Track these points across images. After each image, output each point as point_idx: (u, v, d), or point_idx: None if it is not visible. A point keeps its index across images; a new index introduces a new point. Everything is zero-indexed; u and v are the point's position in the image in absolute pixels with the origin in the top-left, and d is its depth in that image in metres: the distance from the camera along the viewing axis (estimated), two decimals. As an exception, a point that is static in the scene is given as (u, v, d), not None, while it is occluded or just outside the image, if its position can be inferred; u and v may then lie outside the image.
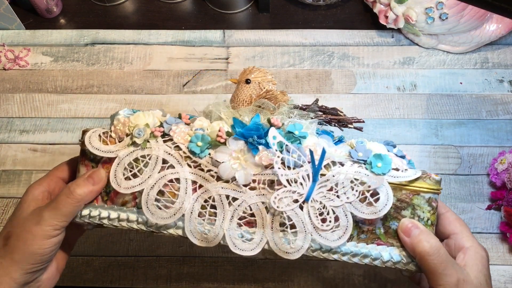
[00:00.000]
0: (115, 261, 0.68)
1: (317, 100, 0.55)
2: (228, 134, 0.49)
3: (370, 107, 0.76)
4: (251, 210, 0.49)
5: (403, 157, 0.50)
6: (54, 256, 0.50)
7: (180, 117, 0.52)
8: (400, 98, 0.76)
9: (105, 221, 0.51)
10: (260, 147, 0.48)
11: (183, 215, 0.49)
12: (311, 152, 0.47)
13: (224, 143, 0.49)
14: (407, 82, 0.78)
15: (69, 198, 0.47)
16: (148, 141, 0.49)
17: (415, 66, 0.79)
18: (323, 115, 0.53)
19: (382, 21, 0.78)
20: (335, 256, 0.49)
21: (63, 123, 0.76)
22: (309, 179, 0.47)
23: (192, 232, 0.49)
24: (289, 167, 0.47)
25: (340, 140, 0.51)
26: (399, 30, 0.80)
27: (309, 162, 0.47)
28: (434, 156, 0.73)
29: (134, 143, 0.49)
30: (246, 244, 0.49)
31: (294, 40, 0.81)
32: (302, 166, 0.47)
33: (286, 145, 0.48)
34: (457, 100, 0.76)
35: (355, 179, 0.47)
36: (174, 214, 0.49)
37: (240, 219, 0.49)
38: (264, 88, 0.54)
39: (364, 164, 0.48)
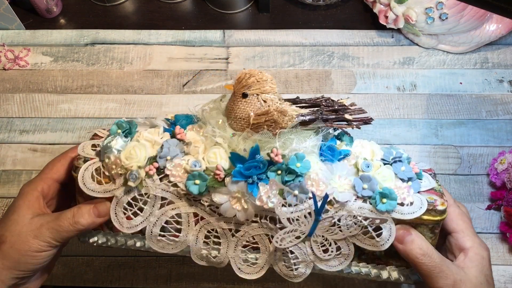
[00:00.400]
0: (115, 261, 0.68)
1: (322, 106, 0.51)
2: (227, 172, 0.47)
3: (370, 107, 0.76)
4: (254, 239, 0.50)
5: (410, 178, 0.49)
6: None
7: (173, 134, 0.50)
8: (400, 98, 0.76)
9: (113, 246, 0.52)
10: (261, 185, 0.46)
11: (188, 245, 0.50)
12: (313, 194, 0.46)
13: (223, 181, 0.47)
14: (407, 82, 0.78)
15: (72, 226, 0.48)
16: (144, 180, 0.48)
17: (415, 66, 0.79)
18: (329, 124, 0.50)
19: (382, 21, 0.78)
20: (336, 273, 0.50)
21: (63, 123, 0.76)
22: (311, 216, 0.47)
23: (199, 257, 0.51)
24: (290, 205, 0.46)
25: (345, 156, 0.50)
26: (399, 30, 0.80)
27: (311, 198, 0.46)
28: (434, 156, 0.72)
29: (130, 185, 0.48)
30: (250, 268, 0.51)
31: (294, 40, 0.81)
32: (304, 202, 0.46)
33: (287, 185, 0.46)
34: (457, 100, 0.76)
35: (359, 215, 0.47)
36: (180, 246, 0.50)
37: (243, 246, 0.50)
38: (264, 101, 0.49)
39: (369, 199, 0.47)
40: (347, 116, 0.50)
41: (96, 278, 0.68)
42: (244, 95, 0.48)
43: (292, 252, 0.48)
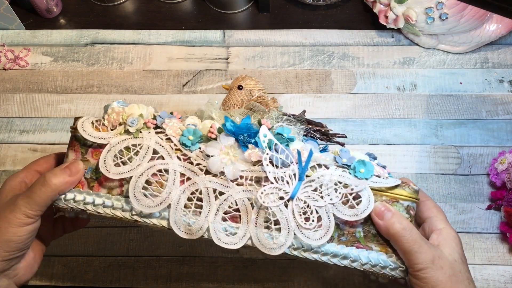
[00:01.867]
0: (115, 261, 0.68)
1: (304, 112, 0.58)
2: (220, 130, 0.50)
3: (370, 107, 0.76)
4: (236, 205, 0.50)
5: (384, 167, 0.52)
6: (31, 245, 0.50)
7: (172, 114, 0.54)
8: (400, 98, 0.76)
9: (89, 207, 0.51)
10: (250, 145, 0.50)
11: (169, 205, 0.50)
12: (299, 153, 0.49)
13: (215, 139, 0.50)
14: (407, 82, 0.78)
15: (43, 186, 0.47)
16: (141, 131, 0.51)
17: (415, 66, 0.79)
18: (309, 125, 0.56)
19: (382, 21, 0.78)
20: (316, 256, 0.50)
21: (63, 123, 0.76)
22: (295, 178, 0.49)
23: (177, 223, 0.50)
24: (277, 166, 0.49)
25: (324, 149, 0.53)
26: (399, 30, 0.80)
27: (296, 163, 0.49)
28: (434, 156, 0.73)
29: (126, 132, 0.51)
30: (229, 238, 0.50)
31: (294, 40, 0.81)
32: (289, 165, 0.49)
33: (275, 144, 0.49)
34: (457, 100, 0.76)
35: (339, 181, 0.49)
36: (160, 204, 0.50)
37: (225, 213, 0.50)
38: (255, 95, 0.57)
39: (348, 168, 0.50)
40: (324, 127, 0.57)
41: (96, 278, 0.68)
42: (239, 87, 0.58)
43: (274, 215, 0.49)
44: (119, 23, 0.84)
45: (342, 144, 0.58)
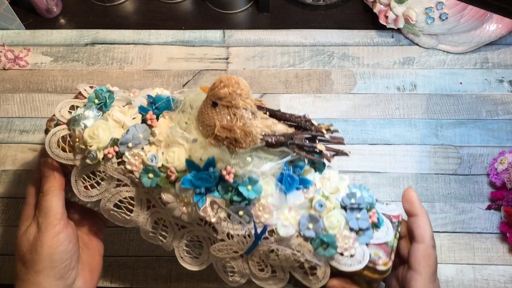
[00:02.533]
0: (115, 261, 0.68)
1: (299, 123, 0.48)
2: (179, 173, 0.47)
3: (370, 107, 0.76)
4: (198, 238, 0.52)
5: (361, 229, 0.47)
6: (80, 260, 0.53)
7: (145, 119, 0.50)
8: (400, 98, 0.76)
9: (79, 202, 0.54)
10: (208, 196, 0.47)
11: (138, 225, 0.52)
12: (254, 223, 0.46)
13: (174, 183, 0.48)
14: (407, 82, 0.78)
15: (44, 196, 0.51)
16: (102, 161, 0.49)
17: (415, 66, 0.79)
18: (297, 151, 0.47)
19: (382, 21, 0.78)
20: None
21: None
22: (250, 238, 0.47)
23: (147, 236, 0.53)
24: (232, 222, 0.47)
25: (305, 187, 0.48)
26: (399, 30, 0.80)
27: (253, 223, 0.47)
28: (434, 156, 0.72)
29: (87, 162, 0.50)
30: (192, 260, 0.53)
31: (294, 40, 0.81)
32: (247, 223, 0.47)
33: (233, 205, 0.47)
34: (457, 100, 0.76)
35: (297, 251, 0.47)
36: (129, 223, 0.52)
37: (188, 240, 0.52)
38: (234, 114, 0.46)
39: (310, 239, 0.47)
40: (319, 146, 0.47)
41: (96, 278, 0.68)
42: (214, 104, 0.47)
43: (229, 262, 0.50)
44: (119, 23, 0.84)
45: (345, 154, 0.49)
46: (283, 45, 0.81)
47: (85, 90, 0.55)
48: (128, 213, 0.51)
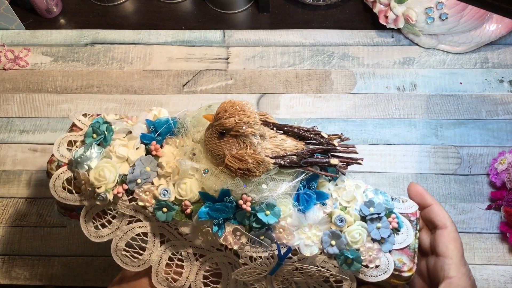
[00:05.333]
0: (115, 261, 0.68)
1: (309, 136, 0.47)
2: (194, 205, 0.47)
3: (370, 107, 0.76)
4: (217, 265, 0.50)
5: (383, 238, 0.47)
6: None
7: (149, 151, 0.49)
8: (400, 98, 0.76)
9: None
10: (227, 224, 0.46)
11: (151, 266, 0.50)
12: (278, 245, 0.46)
13: (190, 216, 0.47)
14: (407, 82, 0.78)
15: None
16: (113, 200, 0.48)
17: (415, 66, 0.79)
18: (311, 170, 0.47)
19: (382, 21, 0.78)
20: None
21: (63, 123, 0.76)
22: (273, 259, 0.46)
23: (159, 281, 0.51)
24: (254, 245, 0.46)
25: (322, 203, 0.48)
26: (399, 30, 0.80)
27: (275, 243, 0.46)
28: (434, 156, 0.72)
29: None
30: None
31: (294, 40, 0.81)
32: (270, 246, 0.46)
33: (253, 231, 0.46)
34: (457, 100, 0.76)
35: (322, 267, 0.46)
36: (143, 264, 0.50)
37: (206, 271, 0.50)
38: (243, 142, 0.45)
39: (335, 256, 0.46)
40: (332, 161, 0.47)
41: (96, 278, 0.68)
42: (221, 134, 0.45)
43: (252, 284, 0.49)
44: (119, 23, 0.84)
45: (359, 162, 0.49)
46: (283, 45, 0.81)
47: (79, 120, 0.53)
48: (141, 251, 0.50)
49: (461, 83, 0.77)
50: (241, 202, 0.45)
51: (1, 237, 0.69)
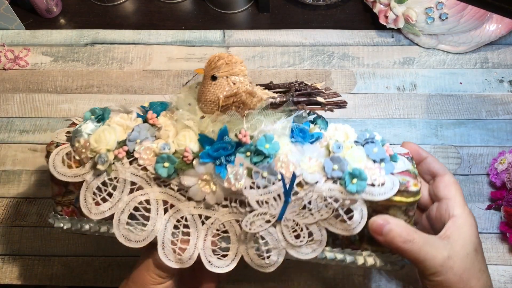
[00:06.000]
0: (115, 261, 0.68)
1: (293, 90, 0.50)
2: (195, 153, 0.47)
3: (370, 107, 0.76)
4: (224, 227, 0.49)
5: (382, 159, 0.48)
6: None
7: (145, 119, 0.50)
8: (400, 98, 0.76)
9: (87, 233, 0.52)
10: (229, 166, 0.46)
11: (157, 236, 0.49)
12: (282, 175, 0.45)
13: (191, 164, 0.47)
14: (407, 82, 0.78)
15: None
16: (113, 164, 0.48)
17: (415, 66, 0.79)
18: (300, 106, 0.49)
19: (382, 21, 0.78)
20: (312, 260, 0.49)
21: (63, 123, 0.76)
22: (280, 199, 0.46)
23: (166, 254, 0.49)
24: (259, 187, 0.46)
25: (317, 138, 0.49)
26: (399, 30, 0.80)
27: (280, 180, 0.46)
28: (434, 156, 0.72)
29: (98, 168, 0.48)
30: (221, 261, 0.49)
31: (294, 40, 0.81)
32: (274, 184, 0.46)
33: (255, 171, 0.46)
34: (457, 100, 0.76)
35: (329, 196, 0.46)
36: (147, 237, 0.49)
37: (213, 236, 0.49)
38: (233, 83, 0.49)
39: (339, 180, 0.46)
40: (319, 98, 0.49)
41: (96, 278, 0.68)
42: (213, 78, 0.48)
43: (263, 238, 0.47)
44: (119, 23, 0.84)
45: (344, 104, 0.50)
46: (283, 45, 0.81)
47: (76, 119, 0.54)
48: (145, 222, 0.48)
49: (461, 83, 0.77)
50: (240, 136, 0.46)
51: (1, 237, 0.69)
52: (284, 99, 0.48)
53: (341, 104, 0.50)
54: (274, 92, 0.51)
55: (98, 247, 0.69)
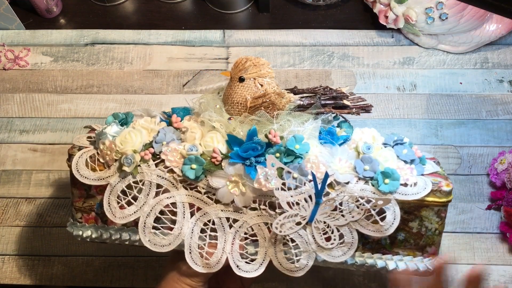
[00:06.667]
0: (115, 261, 0.68)
1: (320, 93, 0.50)
2: (224, 154, 0.46)
3: (370, 107, 0.76)
4: (252, 230, 0.47)
5: (412, 160, 0.48)
6: None
7: (169, 123, 0.49)
8: (400, 98, 0.76)
9: (108, 241, 0.50)
10: (259, 167, 0.45)
11: (183, 240, 0.47)
12: (313, 175, 0.45)
13: (220, 165, 0.46)
14: (407, 82, 0.78)
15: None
16: (139, 166, 0.47)
17: (415, 66, 0.79)
18: (328, 109, 0.49)
19: (382, 21, 0.78)
20: (341, 266, 0.48)
21: (63, 123, 0.76)
22: (311, 200, 0.45)
23: (193, 258, 0.48)
24: (289, 188, 0.45)
25: (345, 140, 0.49)
26: (399, 30, 0.80)
27: (311, 181, 0.45)
28: (434, 156, 0.72)
29: (124, 170, 0.47)
30: (249, 266, 0.48)
31: (294, 40, 0.81)
32: (305, 184, 0.45)
33: (287, 171, 0.45)
34: (457, 100, 0.76)
35: (361, 197, 0.45)
36: (174, 241, 0.47)
37: (241, 240, 0.48)
38: (261, 85, 0.48)
39: (371, 180, 0.46)
40: (345, 101, 0.49)
41: (96, 278, 0.68)
42: (241, 79, 0.49)
43: (293, 241, 0.46)
44: (119, 23, 0.84)
45: (369, 108, 0.51)
46: (283, 45, 0.81)
47: (97, 126, 0.53)
48: (172, 225, 0.47)
49: (461, 83, 0.77)
50: (270, 136, 0.46)
51: (1, 237, 0.69)
52: (312, 101, 0.48)
53: (367, 108, 0.50)
54: (300, 96, 0.50)
55: (98, 247, 0.69)
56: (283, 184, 0.45)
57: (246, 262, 0.48)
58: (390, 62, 0.79)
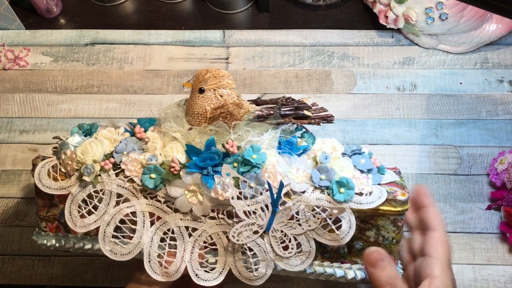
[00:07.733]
0: (115, 261, 0.68)
1: (280, 103, 0.51)
2: (182, 164, 0.47)
3: (370, 107, 0.76)
4: (212, 239, 0.48)
5: (370, 170, 0.48)
6: None
7: (133, 133, 0.50)
8: (400, 98, 0.76)
9: (71, 250, 0.51)
10: (216, 177, 0.46)
11: (143, 249, 0.48)
12: (269, 184, 0.45)
13: (178, 175, 0.47)
14: (407, 82, 0.78)
15: None
16: (100, 175, 0.48)
17: (415, 66, 0.79)
18: (288, 119, 0.50)
19: (382, 21, 0.78)
20: (300, 275, 0.49)
21: (63, 123, 0.76)
22: (268, 209, 0.46)
23: (152, 267, 0.48)
24: (246, 197, 0.46)
25: (304, 150, 0.49)
26: (399, 30, 0.80)
27: (267, 191, 0.46)
28: (434, 156, 0.72)
29: (84, 179, 0.48)
30: (208, 274, 0.48)
31: (294, 40, 0.81)
32: (261, 194, 0.46)
33: (243, 180, 0.46)
34: (457, 100, 0.76)
35: (317, 206, 0.46)
36: (133, 249, 0.48)
37: (200, 249, 0.48)
38: (221, 96, 0.49)
39: (326, 189, 0.47)
40: (306, 112, 0.50)
41: (96, 278, 0.68)
42: (201, 90, 0.49)
43: (251, 250, 0.47)
44: (119, 23, 0.84)
45: (331, 121, 0.52)
46: (283, 45, 0.81)
47: (64, 136, 0.54)
48: (131, 234, 0.48)
49: (461, 83, 0.77)
50: (227, 146, 0.46)
51: (1, 237, 0.69)
52: (272, 112, 0.49)
53: (328, 119, 0.51)
54: (260, 107, 0.51)
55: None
56: (240, 193, 0.46)
57: (205, 271, 0.48)
58: (390, 62, 0.79)
